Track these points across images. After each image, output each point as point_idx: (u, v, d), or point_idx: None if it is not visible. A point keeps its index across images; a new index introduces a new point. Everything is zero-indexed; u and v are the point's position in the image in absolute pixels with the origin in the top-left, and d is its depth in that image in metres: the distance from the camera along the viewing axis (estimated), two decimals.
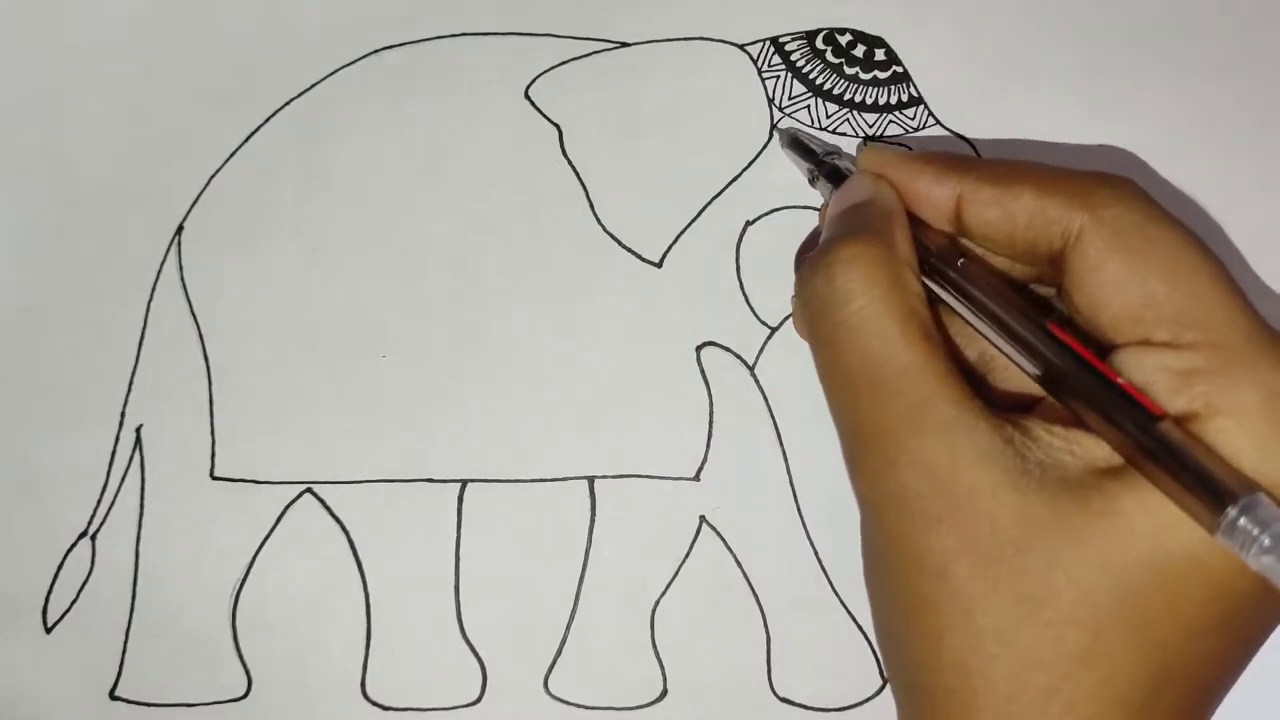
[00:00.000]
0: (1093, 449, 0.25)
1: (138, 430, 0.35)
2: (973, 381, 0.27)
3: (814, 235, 0.35)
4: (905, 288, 0.27)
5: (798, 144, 0.34)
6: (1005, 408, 0.26)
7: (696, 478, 0.35)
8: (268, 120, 0.36)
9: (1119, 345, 0.25)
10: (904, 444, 0.25)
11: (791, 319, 0.35)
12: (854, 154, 0.32)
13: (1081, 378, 0.25)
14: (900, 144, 0.36)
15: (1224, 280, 0.25)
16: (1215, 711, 0.26)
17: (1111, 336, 0.26)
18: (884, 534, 0.26)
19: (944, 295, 0.28)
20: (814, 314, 0.28)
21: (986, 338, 0.28)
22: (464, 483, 0.35)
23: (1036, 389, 0.28)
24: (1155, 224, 0.26)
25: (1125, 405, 0.24)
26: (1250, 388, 0.24)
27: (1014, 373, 0.29)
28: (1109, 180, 0.27)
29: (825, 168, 0.33)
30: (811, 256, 0.28)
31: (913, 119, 0.36)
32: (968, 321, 0.28)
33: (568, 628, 0.34)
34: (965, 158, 0.29)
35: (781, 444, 0.35)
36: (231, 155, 0.36)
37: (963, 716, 0.25)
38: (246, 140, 0.36)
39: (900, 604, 0.26)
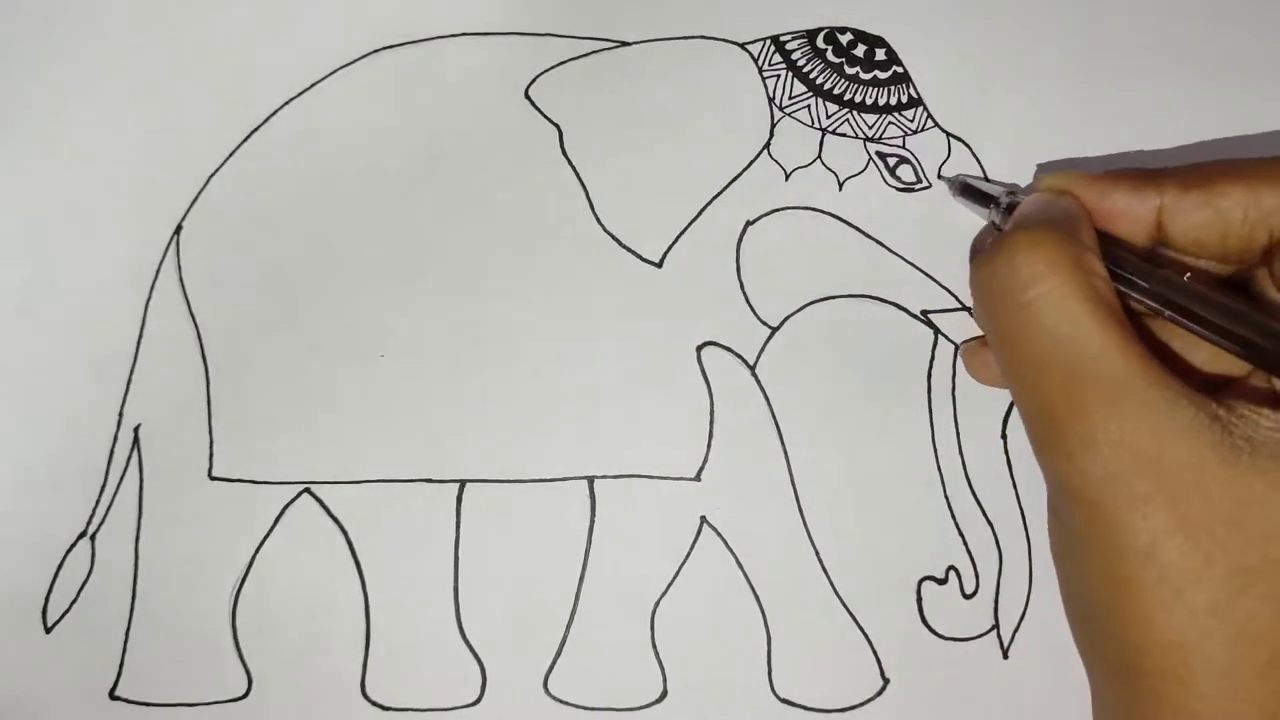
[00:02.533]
0: None
1: (136, 430, 0.35)
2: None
3: (980, 237, 0.35)
4: (1090, 270, 0.27)
5: (970, 190, 0.34)
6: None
7: (697, 478, 0.35)
8: (268, 120, 0.36)
9: None
10: (1103, 426, 0.25)
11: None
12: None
13: None
14: (907, 150, 0.36)
15: None
16: None
17: None
18: (1083, 517, 0.26)
19: (1158, 307, 0.28)
20: (995, 300, 0.27)
21: (1216, 342, 0.27)
22: (463, 483, 0.35)
23: (1223, 373, 0.28)
24: None
25: None
26: None
27: (1198, 361, 0.29)
28: None
29: (1010, 206, 0.32)
30: (989, 244, 0.28)
31: (912, 120, 0.36)
32: (1193, 330, 0.27)
33: (568, 628, 0.34)
34: (1153, 170, 0.29)
35: (782, 444, 0.35)
36: (231, 155, 0.36)
37: (1177, 693, 0.25)
38: (246, 140, 0.36)
39: (1104, 586, 0.26)
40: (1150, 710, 0.25)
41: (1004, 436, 0.35)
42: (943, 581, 0.34)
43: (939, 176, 0.36)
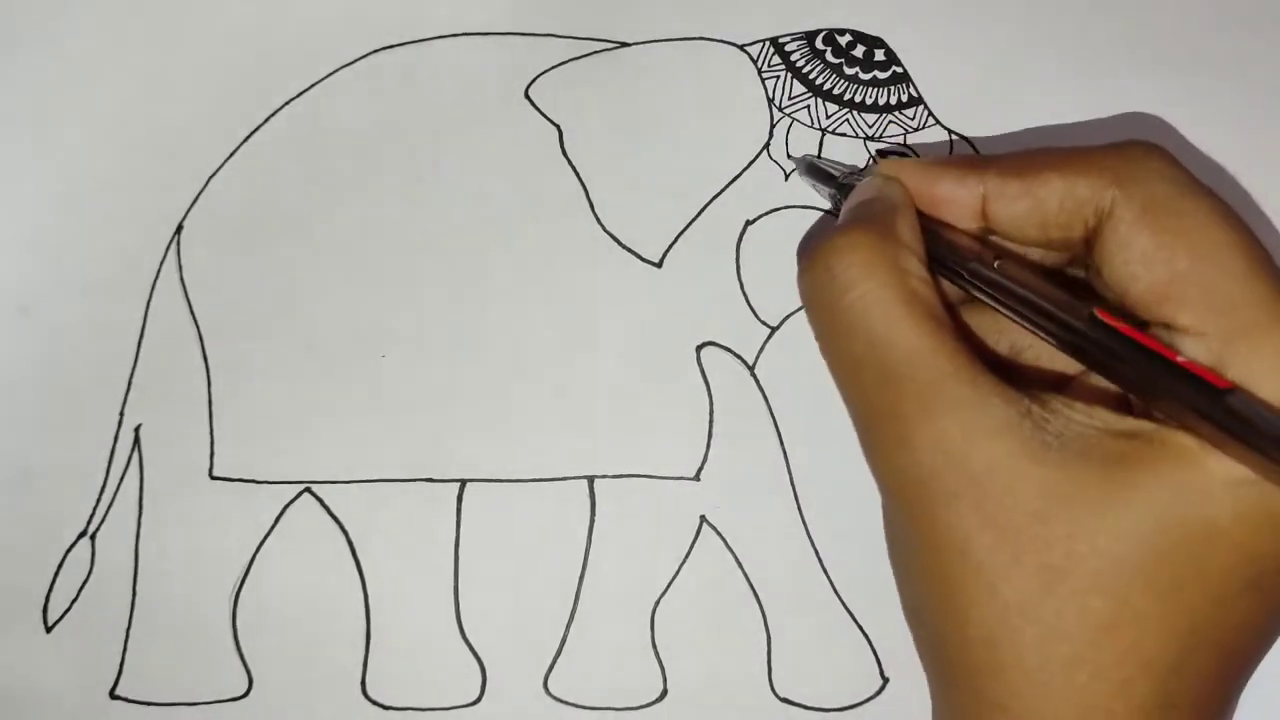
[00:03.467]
0: (1112, 421, 0.25)
1: (136, 430, 0.35)
2: (1003, 370, 0.26)
3: (811, 231, 0.36)
4: (906, 270, 0.27)
5: (815, 170, 0.34)
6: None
7: (696, 478, 0.35)
8: (268, 120, 0.36)
9: (1147, 325, 0.25)
10: (917, 426, 0.25)
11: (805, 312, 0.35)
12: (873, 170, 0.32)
13: (1136, 360, 0.25)
14: (905, 147, 0.36)
15: (1252, 255, 0.25)
16: (1248, 679, 0.26)
17: (1140, 314, 0.26)
18: (904, 516, 0.26)
19: (979, 295, 0.28)
20: (815, 304, 0.28)
21: (1030, 330, 0.27)
22: (463, 482, 0.35)
23: (1066, 372, 0.28)
24: (1185, 196, 0.26)
25: (1189, 383, 0.24)
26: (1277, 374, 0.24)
27: (1044, 358, 0.29)
28: (1136, 150, 0.27)
29: (846, 190, 0.32)
30: (810, 248, 0.28)
31: (912, 119, 0.36)
32: (1009, 317, 0.28)
33: (568, 628, 0.34)
34: (982, 157, 0.29)
35: (781, 444, 0.35)
36: (231, 155, 0.36)
37: (992, 689, 0.25)
38: (246, 140, 0.36)
39: (925, 584, 0.26)
40: (970, 708, 0.25)
41: None
42: None
43: (788, 156, 0.36)
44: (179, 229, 0.36)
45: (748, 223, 0.36)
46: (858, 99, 0.36)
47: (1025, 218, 0.28)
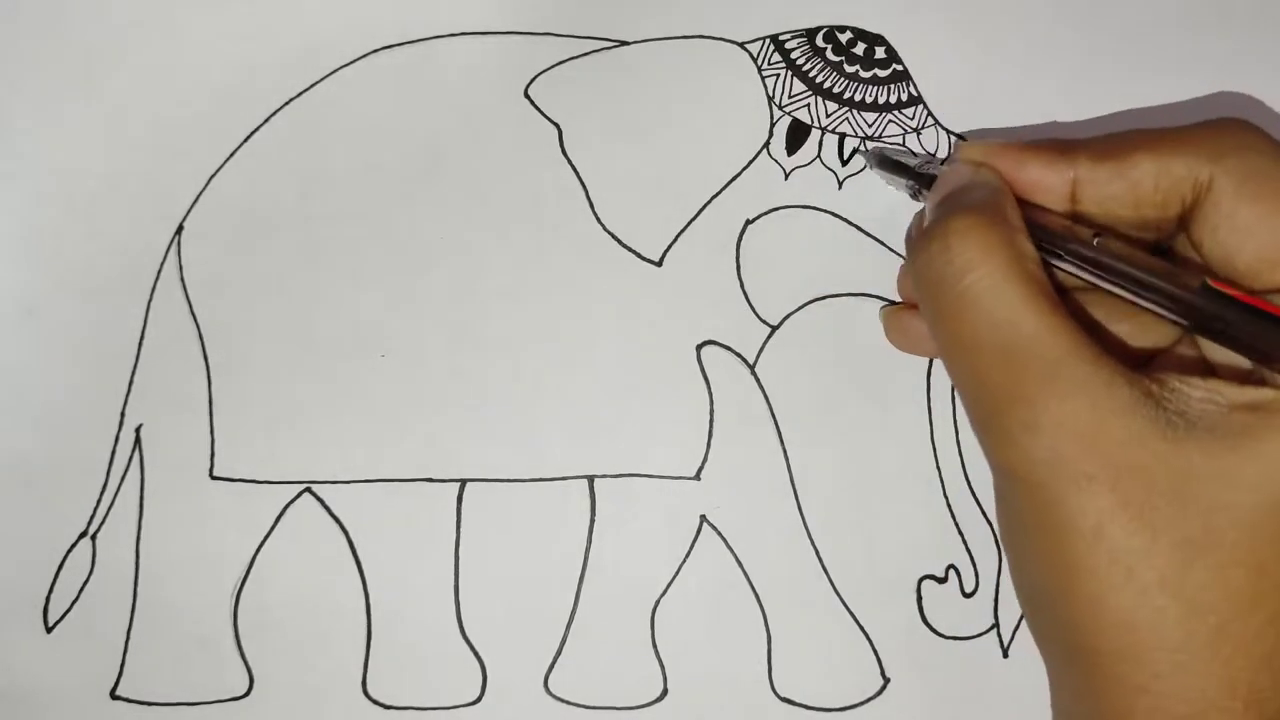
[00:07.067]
0: (1233, 394, 0.25)
1: (137, 430, 0.35)
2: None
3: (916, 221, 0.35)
4: (1023, 253, 0.27)
5: (888, 162, 0.34)
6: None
7: (697, 477, 0.35)
8: (268, 120, 0.36)
9: (1257, 292, 0.26)
10: (1044, 407, 0.25)
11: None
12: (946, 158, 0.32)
13: (1252, 325, 0.25)
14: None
15: None
16: None
17: (1248, 283, 0.26)
18: (1030, 500, 0.26)
19: (1080, 274, 0.28)
20: (932, 287, 0.27)
21: (1137, 304, 0.27)
22: (463, 482, 0.35)
23: (1150, 346, 0.29)
24: None
25: None
26: None
27: (1129, 337, 0.30)
28: (1229, 126, 0.27)
29: (925, 179, 0.32)
30: (923, 231, 0.28)
31: (912, 118, 0.36)
32: (1113, 294, 0.28)
33: (568, 627, 0.34)
34: (1069, 141, 0.29)
35: (782, 443, 0.35)
36: (231, 155, 0.36)
37: (1134, 673, 0.25)
38: (246, 140, 0.36)
39: (1051, 570, 0.26)
40: (1108, 693, 0.25)
41: None
42: (943, 580, 0.34)
43: (859, 151, 0.36)
44: (179, 229, 0.36)
45: (748, 222, 0.36)
46: (857, 97, 0.36)
47: (1119, 199, 0.28)
